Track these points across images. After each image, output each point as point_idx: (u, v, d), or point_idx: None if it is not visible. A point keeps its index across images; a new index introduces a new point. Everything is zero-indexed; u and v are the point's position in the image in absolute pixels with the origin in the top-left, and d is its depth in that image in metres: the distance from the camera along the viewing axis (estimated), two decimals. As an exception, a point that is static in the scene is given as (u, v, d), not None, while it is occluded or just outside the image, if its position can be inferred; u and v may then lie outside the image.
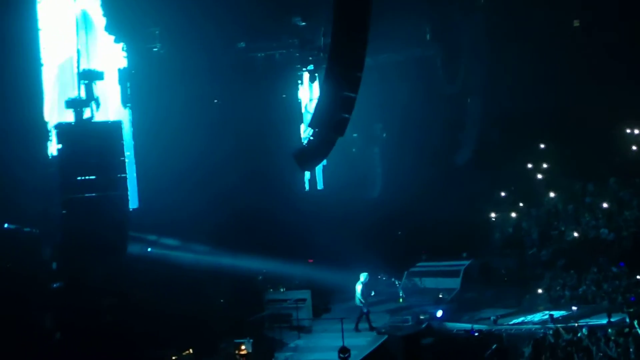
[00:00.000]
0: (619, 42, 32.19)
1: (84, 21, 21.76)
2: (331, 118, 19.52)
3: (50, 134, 20.20)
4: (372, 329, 23.31)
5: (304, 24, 29.39)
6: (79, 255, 19.83)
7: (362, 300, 23.54)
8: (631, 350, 19.33)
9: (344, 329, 21.12)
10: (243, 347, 20.90)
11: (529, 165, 34.43)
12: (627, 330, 20.27)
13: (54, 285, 19.84)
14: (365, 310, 23.53)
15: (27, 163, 19.07)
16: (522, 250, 29.53)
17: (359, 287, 23.65)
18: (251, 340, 21.08)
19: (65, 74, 21.14)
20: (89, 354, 18.55)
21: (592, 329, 20.87)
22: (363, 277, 23.75)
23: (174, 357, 20.51)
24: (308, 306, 24.72)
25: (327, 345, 21.72)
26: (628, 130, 33.96)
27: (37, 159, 19.94)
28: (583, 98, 31.91)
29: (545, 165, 34.27)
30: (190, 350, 20.77)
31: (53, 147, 20.27)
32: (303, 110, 32.59)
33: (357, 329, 23.29)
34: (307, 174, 32.22)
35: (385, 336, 22.73)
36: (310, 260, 27.73)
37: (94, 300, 19.67)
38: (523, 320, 23.25)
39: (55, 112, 20.72)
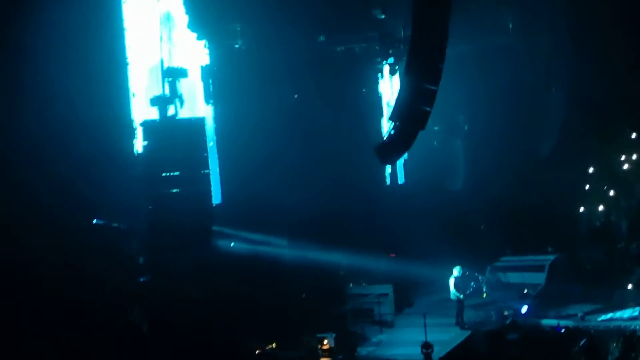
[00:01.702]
0: None
1: (167, 20, 22.15)
2: (412, 111, 19.33)
3: (136, 131, 20.68)
4: (458, 323, 23.05)
5: (383, 16, 29.20)
6: (165, 249, 20.26)
7: (457, 294, 23.30)
8: None
9: (426, 324, 20.95)
10: (326, 341, 20.99)
11: (620, 157, 33.40)
12: None
13: (141, 279, 20.30)
14: (463, 304, 23.28)
15: (114, 160, 19.57)
16: (610, 243, 28.70)
17: (452, 281, 23.41)
18: (334, 335, 21.14)
19: (151, 72, 21.57)
20: (175, 346, 18.90)
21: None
22: (456, 270, 23.53)
23: (257, 350, 20.76)
24: (390, 300, 24.65)
25: (409, 340, 21.62)
26: None
27: (124, 155, 20.44)
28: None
29: (635, 156, 33.17)
30: (274, 344, 20.98)
31: (139, 144, 20.74)
32: (384, 104, 32.45)
33: (460, 324, 23.01)
34: (389, 168, 32.08)
35: (469, 332, 22.48)
36: (393, 255, 27.62)
37: (181, 293, 20.03)
38: (612, 317, 22.62)
39: (141, 110, 21.17)
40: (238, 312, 20.72)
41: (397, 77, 31.60)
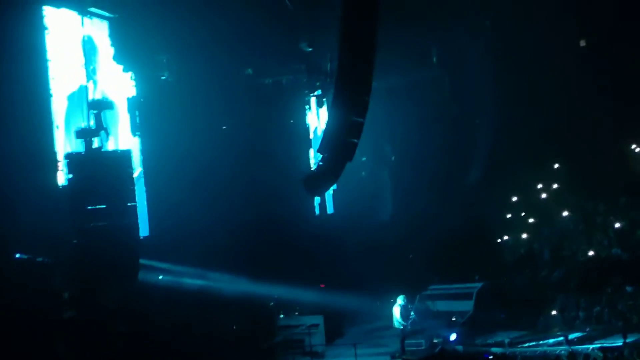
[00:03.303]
0: (626, 60, 32.22)
1: (92, 50, 21.96)
2: (339, 143, 19.49)
3: (59, 164, 20.31)
4: (403, 352, 23.17)
5: (310, 49, 29.54)
6: (90, 284, 19.84)
7: (401, 322, 23.44)
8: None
9: (357, 354, 21.00)
10: (256, 374, 20.84)
11: (540, 185, 34.35)
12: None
13: (67, 314, 19.83)
14: (406, 332, 23.41)
15: (37, 193, 19.14)
16: (534, 271, 29.38)
17: (396, 310, 23.55)
18: (263, 368, 21.01)
19: (75, 104, 21.30)
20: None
21: (607, 350, 20.68)
22: (400, 299, 23.72)
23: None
24: (321, 331, 24.64)
25: (340, 371, 21.65)
26: (638, 150, 33.88)
27: (48, 188, 20.02)
28: (592, 117, 31.93)
29: (555, 185, 34.19)
30: (203, 378, 20.72)
31: (63, 177, 20.37)
32: (311, 135, 32.68)
33: (403, 352, 23.13)
34: (317, 199, 32.23)
35: (399, 360, 22.64)
36: (322, 285, 27.67)
37: (107, 328, 19.63)
38: (537, 343, 23.09)
39: (65, 142, 20.84)
40: (166, 346, 20.39)
41: (324, 109, 31.92)
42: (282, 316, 25.52)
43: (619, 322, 23.71)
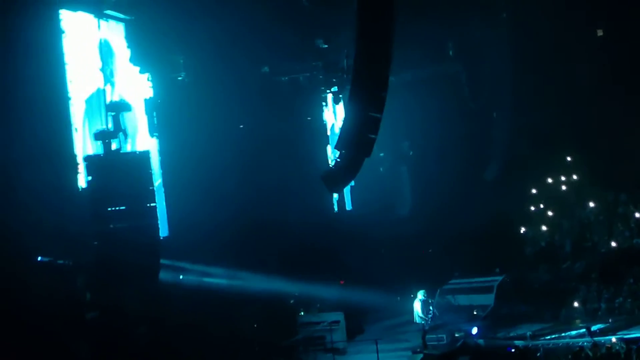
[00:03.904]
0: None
1: (108, 53, 22.04)
2: (357, 139, 19.45)
3: (78, 166, 20.39)
4: (425, 346, 23.13)
5: (326, 46, 29.46)
6: (112, 285, 19.92)
7: (422, 317, 23.44)
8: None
9: (378, 350, 20.95)
10: (277, 372, 20.86)
11: (560, 177, 34.12)
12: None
13: (89, 315, 19.92)
14: (426, 327, 23.39)
15: (57, 196, 19.23)
16: (555, 263, 29.19)
17: (417, 305, 23.55)
18: (286, 365, 21.03)
19: (93, 106, 21.39)
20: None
21: (630, 341, 20.52)
22: (421, 294, 23.74)
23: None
24: (342, 328, 24.61)
25: (362, 367, 21.61)
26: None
27: (68, 191, 20.10)
28: (611, 107, 31.63)
29: (575, 177, 33.94)
30: (225, 377, 20.76)
31: (83, 179, 20.46)
32: (329, 132, 32.64)
33: (425, 347, 23.09)
34: (336, 196, 32.18)
35: (421, 355, 22.55)
36: (342, 282, 27.64)
37: (129, 329, 19.71)
38: (560, 335, 22.95)
39: (85, 144, 20.94)
40: (188, 346, 20.44)
41: (341, 105, 31.84)
42: (302, 313, 25.52)
43: (641, 313, 23.56)
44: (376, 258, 27.93)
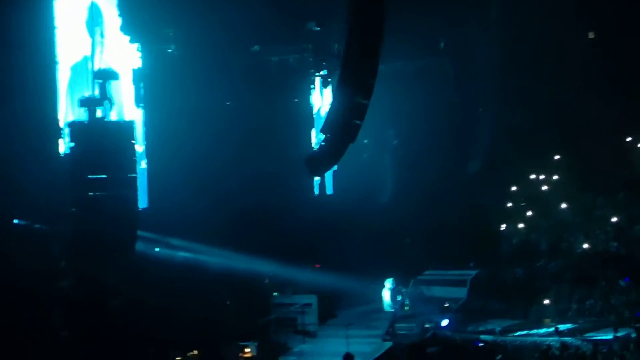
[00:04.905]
0: (633, 54, 31.95)
1: (98, 19, 21.79)
2: (343, 124, 19.37)
3: (62, 132, 20.22)
4: (388, 333, 23.19)
5: (318, 29, 29.32)
6: (88, 253, 19.83)
7: (391, 305, 23.49)
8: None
9: (349, 335, 20.98)
10: (247, 349, 20.86)
11: (540, 177, 34.22)
12: (632, 346, 20.06)
13: (63, 283, 19.81)
14: (396, 315, 23.46)
15: (39, 160, 19.07)
16: (530, 261, 29.32)
17: (386, 293, 23.58)
18: (256, 344, 21.01)
19: (80, 73, 21.18)
20: (94, 352, 18.48)
21: (597, 343, 20.67)
22: (389, 282, 23.78)
23: (178, 358, 20.44)
24: (314, 311, 24.63)
25: (331, 351, 21.58)
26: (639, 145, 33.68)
27: (50, 156, 19.95)
28: (595, 111, 31.69)
29: (555, 177, 34.05)
30: (195, 352, 20.70)
31: (65, 145, 20.29)
32: (315, 115, 32.52)
33: (391, 333, 23.16)
34: (317, 179, 32.12)
35: (391, 343, 22.62)
36: (318, 265, 27.62)
37: (102, 300, 19.62)
38: (528, 332, 23.06)
39: (69, 110, 20.75)
40: (161, 318, 20.37)
41: (329, 89, 31.71)
42: (276, 294, 25.50)
43: (610, 315, 23.67)
44: (353, 244, 27.88)
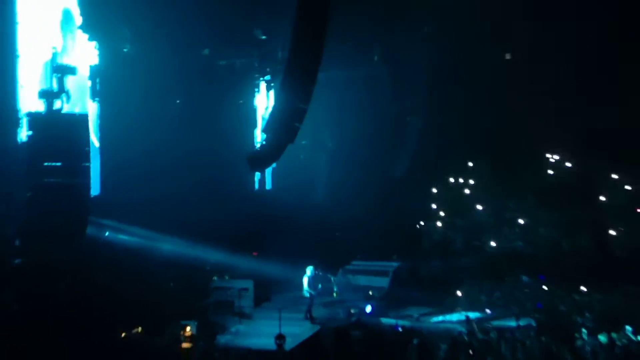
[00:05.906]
0: (549, 76, 32.90)
1: (65, 18, 21.70)
2: (283, 126, 19.86)
3: (21, 121, 20.09)
4: (306, 317, 23.59)
5: (264, 37, 29.61)
6: (40, 235, 19.73)
7: (308, 290, 23.85)
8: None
9: (281, 317, 21.33)
10: (188, 328, 21.05)
11: (459, 181, 35.07)
12: (532, 333, 20.92)
13: (16, 261, 19.67)
14: (313, 299, 23.82)
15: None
16: (446, 257, 30.12)
17: (305, 280, 23.94)
18: (196, 323, 21.21)
19: (42, 66, 21.06)
20: (43, 329, 18.39)
21: (502, 330, 21.49)
22: (309, 270, 24.13)
23: (122, 334, 20.49)
24: (250, 295, 24.90)
25: (265, 332, 21.96)
26: (548, 155, 34.78)
27: (7, 143, 19.80)
28: (512, 124, 32.62)
29: (472, 181, 34.95)
30: (139, 329, 20.77)
31: (23, 134, 20.15)
32: (258, 116, 32.78)
33: (309, 317, 23.49)
34: (258, 174, 32.42)
35: (319, 326, 23.06)
36: (255, 254, 27.91)
37: (52, 280, 19.54)
38: (442, 319, 23.82)
39: (29, 102, 20.61)
40: (108, 298, 20.37)
41: (272, 93, 32.02)
42: (215, 278, 25.68)
43: (514, 307, 24.59)
44: (288, 235, 28.25)
